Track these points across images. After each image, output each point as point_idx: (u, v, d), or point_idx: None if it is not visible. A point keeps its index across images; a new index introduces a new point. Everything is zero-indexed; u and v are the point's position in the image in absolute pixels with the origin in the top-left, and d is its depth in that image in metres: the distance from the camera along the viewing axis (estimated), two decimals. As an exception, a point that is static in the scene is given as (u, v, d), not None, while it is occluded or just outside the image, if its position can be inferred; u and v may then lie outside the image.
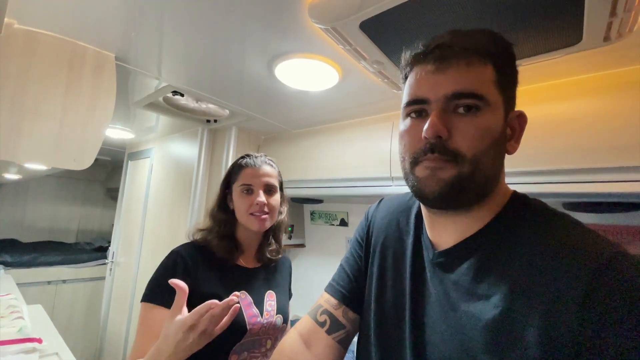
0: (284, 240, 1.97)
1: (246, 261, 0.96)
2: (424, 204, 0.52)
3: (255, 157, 0.97)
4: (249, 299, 0.89)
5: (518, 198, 0.51)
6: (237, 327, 0.82)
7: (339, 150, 1.52)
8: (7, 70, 0.87)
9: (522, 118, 0.50)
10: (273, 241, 1.01)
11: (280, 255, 1.03)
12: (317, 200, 1.90)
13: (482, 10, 0.70)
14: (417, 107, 0.47)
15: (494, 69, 0.45)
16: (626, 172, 0.85)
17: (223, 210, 0.97)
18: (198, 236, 0.94)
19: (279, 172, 1.02)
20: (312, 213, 2.10)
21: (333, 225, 1.99)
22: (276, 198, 0.96)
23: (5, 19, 0.81)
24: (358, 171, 1.41)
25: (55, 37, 0.95)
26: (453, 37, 0.46)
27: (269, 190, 0.94)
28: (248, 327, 0.84)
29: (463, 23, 0.75)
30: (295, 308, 2.13)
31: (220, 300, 0.79)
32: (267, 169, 0.96)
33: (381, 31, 0.78)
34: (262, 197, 0.91)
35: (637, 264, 0.37)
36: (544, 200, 1.03)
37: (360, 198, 1.60)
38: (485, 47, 0.45)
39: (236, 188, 0.94)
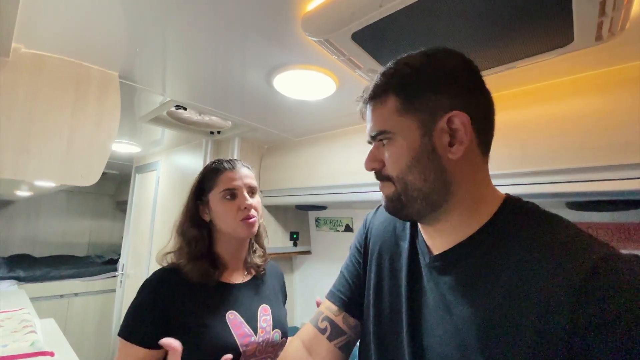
0: (290, 247, 2.00)
1: (232, 276, 0.87)
2: None
3: (231, 160, 0.90)
4: (239, 318, 0.81)
5: (511, 202, 0.51)
6: (228, 352, 0.74)
7: (341, 157, 1.53)
8: (15, 92, 0.91)
9: (457, 117, 0.47)
10: (257, 246, 0.96)
11: (267, 260, 0.96)
12: (321, 207, 1.91)
13: (470, 16, 0.71)
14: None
15: (396, 97, 0.50)
16: (628, 169, 0.85)
17: (195, 224, 0.86)
18: (167, 261, 0.85)
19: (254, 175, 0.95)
20: (317, 220, 2.11)
21: (338, 231, 1.99)
22: (258, 199, 0.89)
23: (13, 44, 0.85)
24: (360, 177, 1.42)
25: (60, 59, 0.98)
26: (367, 89, 0.54)
27: (251, 191, 0.88)
28: (241, 350, 0.77)
29: (453, 30, 0.76)
30: (303, 315, 2.14)
31: (206, 329, 0.76)
32: (245, 170, 0.89)
33: (373, 41, 0.80)
34: (249, 200, 0.85)
35: (628, 265, 0.38)
36: (546, 200, 1.03)
37: (364, 203, 1.61)
38: (382, 85, 0.51)
39: (215, 195, 0.85)
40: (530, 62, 0.86)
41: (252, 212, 0.85)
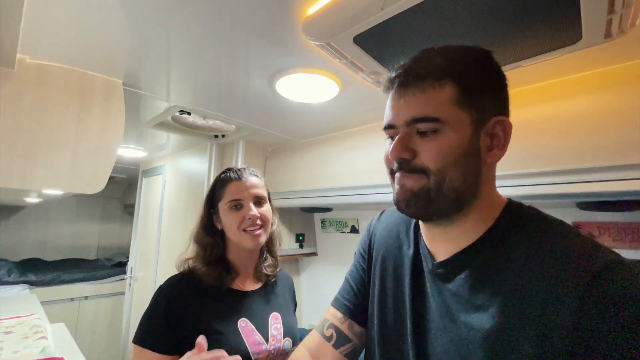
0: (296, 249, 1.99)
1: (243, 283, 0.89)
2: (402, 213, 0.53)
3: (239, 170, 0.91)
4: (250, 325, 0.82)
5: (512, 207, 0.51)
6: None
7: (345, 158, 1.52)
8: (21, 103, 0.92)
9: (504, 124, 0.48)
10: (268, 256, 0.95)
11: (278, 270, 0.97)
12: (326, 209, 1.90)
13: (475, 16, 0.70)
14: (390, 132, 0.51)
15: (455, 86, 0.46)
16: (638, 169, 0.83)
17: (209, 232, 0.90)
18: (185, 267, 0.88)
19: (265, 182, 0.95)
20: (322, 221, 2.11)
21: (344, 232, 1.98)
22: (267, 208, 0.90)
23: (18, 55, 0.86)
24: (365, 178, 1.41)
25: (65, 69, 0.99)
26: (412, 64, 0.49)
27: (258, 201, 0.89)
28: (253, 357, 0.78)
29: (457, 30, 0.75)
30: (310, 317, 2.14)
31: (219, 335, 0.76)
32: (253, 180, 0.90)
33: (375, 43, 0.79)
34: (253, 210, 0.85)
35: (630, 271, 0.37)
36: (555, 201, 1.01)
37: (369, 205, 1.60)
38: (441, 67, 0.46)
39: (223, 205, 0.88)
40: (538, 60, 0.85)
41: (258, 222, 0.86)
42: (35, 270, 3.20)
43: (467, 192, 0.47)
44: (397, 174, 0.50)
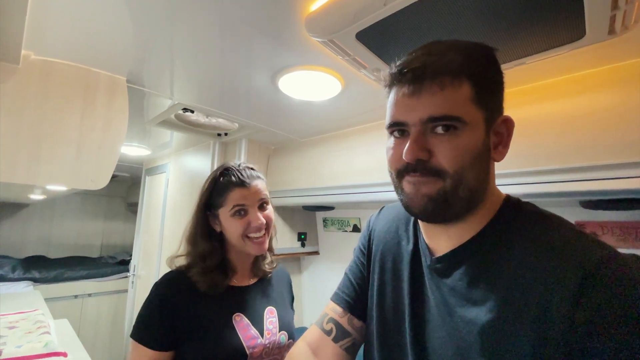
0: (298, 248, 2.00)
1: (239, 279, 0.88)
2: (414, 217, 0.53)
3: (240, 173, 0.84)
4: (245, 320, 0.81)
5: (511, 203, 0.51)
6: (235, 354, 0.76)
7: (347, 157, 1.52)
8: (26, 99, 0.93)
9: (508, 123, 0.49)
10: (267, 253, 0.94)
11: (275, 266, 0.96)
12: (328, 207, 1.91)
13: (478, 12, 0.70)
14: (396, 130, 0.49)
15: (471, 85, 0.44)
16: (643, 167, 0.82)
17: (205, 237, 0.85)
18: (175, 265, 0.86)
19: (265, 180, 0.92)
20: (324, 220, 2.11)
21: (346, 231, 1.98)
22: (270, 209, 0.88)
23: (23, 51, 0.87)
24: (367, 177, 1.41)
25: (69, 65, 1.00)
26: (426, 58, 0.45)
27: (262, 204, 0.86)
28: (248, 352, 0.77)
29: (460, 26, 0.75)
30: (312, 316, 2.14)
31: (213, 331, 0.76)
32: (258, 184, 0.85)
33: (378, 39, 0.79)
34: (261, 219, 0.83)
35: (626, 264, 0.38)
36: (559, 200, 1.01)
37: (371, 204, 1.60)
38: (459, 64, 0.44)
39: (225, 212, 0.83)
40: (541, 57, 0.84)
41: (262, 231, 0.84)
42: (39, 268, 3.23)
43: (480, 191, 0.47)
44: (408, 177, 0.47)
